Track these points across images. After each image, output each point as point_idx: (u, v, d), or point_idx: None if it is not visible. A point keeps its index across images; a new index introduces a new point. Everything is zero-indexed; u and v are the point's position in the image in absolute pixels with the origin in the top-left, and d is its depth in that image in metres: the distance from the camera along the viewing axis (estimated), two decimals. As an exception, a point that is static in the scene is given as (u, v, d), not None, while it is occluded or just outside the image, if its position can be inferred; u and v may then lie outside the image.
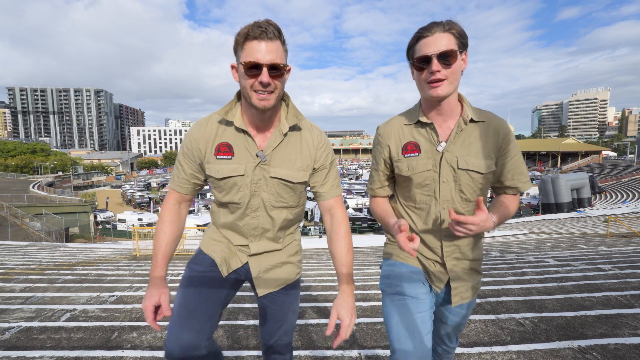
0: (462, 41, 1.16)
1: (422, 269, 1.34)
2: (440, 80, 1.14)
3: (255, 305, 3.27)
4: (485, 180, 1.24)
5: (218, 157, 1.20)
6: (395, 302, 1.30)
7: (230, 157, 1.20)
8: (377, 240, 14.29)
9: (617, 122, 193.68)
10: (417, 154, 1.26)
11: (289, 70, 1.18)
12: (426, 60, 1.15)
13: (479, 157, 1.22)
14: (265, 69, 1.06)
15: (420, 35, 1.16)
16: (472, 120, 1.23)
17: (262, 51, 1.05)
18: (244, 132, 1.19)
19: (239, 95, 1.23)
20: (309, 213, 26.86)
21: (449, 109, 1.22)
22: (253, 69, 1.06)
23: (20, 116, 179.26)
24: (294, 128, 1.24)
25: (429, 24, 1.16)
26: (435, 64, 1.12)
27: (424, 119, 1.25)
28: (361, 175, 60.94)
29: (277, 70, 1.09)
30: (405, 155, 1.28)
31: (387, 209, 1.37)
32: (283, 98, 1.25)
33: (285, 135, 1.22)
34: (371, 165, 1.45)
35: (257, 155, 1.20)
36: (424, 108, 1.27)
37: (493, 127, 1.23)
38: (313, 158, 1.27)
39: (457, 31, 1.15)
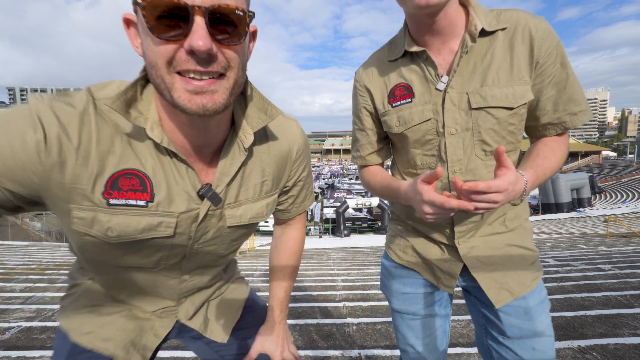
0: None
1: (420, 268, 0.99)
2: None
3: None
4: (517, 118, 0.84)
5: (114, 201, 0.58)
6: (399, 320, 1.05)
7: (144, 202, 0.61)
8: (377, 240, 14.29)
9: (616, 122, 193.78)
10: (409, 100, 0.88)
11: (255, 32, 0.63)
12: None
13: (502, 84, 0.81)
14: (199, 19, 0.49)
15: None
16: (484, 33, 0.81)
17: None
18: (172, 154, 0.62)
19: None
20: (309, 213, 26.87)
21: (449, 23, 0.80)
22: (170, 19, 0.49)
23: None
24: (261, 133, 0.73)
25: None
26: None
27: (413, 48, 0.85)
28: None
29: (229, 26, 0.52)
30: (394, 105, 0.90)
31: (387, 175, 0.99)
32: (242, 90, 0.67)
33: (249, 150, 0.70)
34: (353, 126, 1.04)
35: (199, 195, 0.65)
36: (412, 30, 0.86)
37: (521, 31, 0.80)
38: (288, 173, 0.81)
39: None
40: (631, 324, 2.61)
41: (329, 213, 20.81)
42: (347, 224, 20.52)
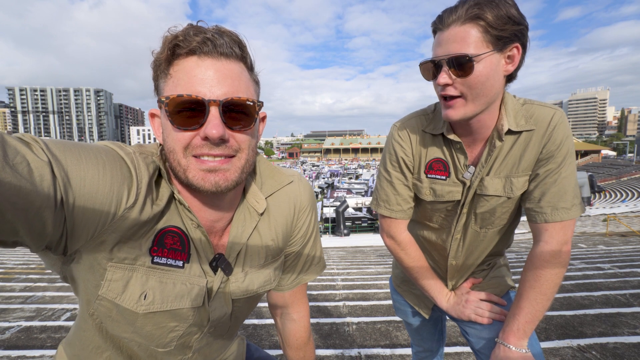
0: (498, 34, 0.75)
1: (408, 300, 1.21)
2: (452, 97, 0.82)
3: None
4: (512, 205, 0.94)
5: (157, 259, 0.60)
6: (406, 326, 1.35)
7: (181, 262, 0.62)
8: (377, 240, 14.28)
9: (616, 121, 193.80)
10: (444, 178, 0.96)
11: (264, 117, 0.68)
12: (435, 67, 0.82)
13: (502, 176, 0.90)
14: (214, 110, 0.55)
15: (435, 26, 0.82)
16: (510, 132, 0.87)
17: (207, 78, 0.55)
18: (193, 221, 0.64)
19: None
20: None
21: (481, 126, 0.88)
22: (189, 112, 0.56)
23: (20, 116, 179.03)
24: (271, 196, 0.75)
25: (445, 10, 0.80)
26: (443, 75, 0.79)
27: (451, 136, 0.92)
28: (361, 174, 60.98)
29: (241, 114, 0.59)
30: (429, 176, 0.98)
31: (423, 258, 1.07)
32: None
33: (262, 214, 0.72)
34: (383, 177, 1.05)
35: (212, 265, 0.66)
36: None
37: (537, 133, 0.86)
38: (291, 230, 0.78)
39: (487, 20, 0.74)
40: (630, 322, 2.61)
41: (329, 212, 20.81)
42: (347, 223, 20.48)
